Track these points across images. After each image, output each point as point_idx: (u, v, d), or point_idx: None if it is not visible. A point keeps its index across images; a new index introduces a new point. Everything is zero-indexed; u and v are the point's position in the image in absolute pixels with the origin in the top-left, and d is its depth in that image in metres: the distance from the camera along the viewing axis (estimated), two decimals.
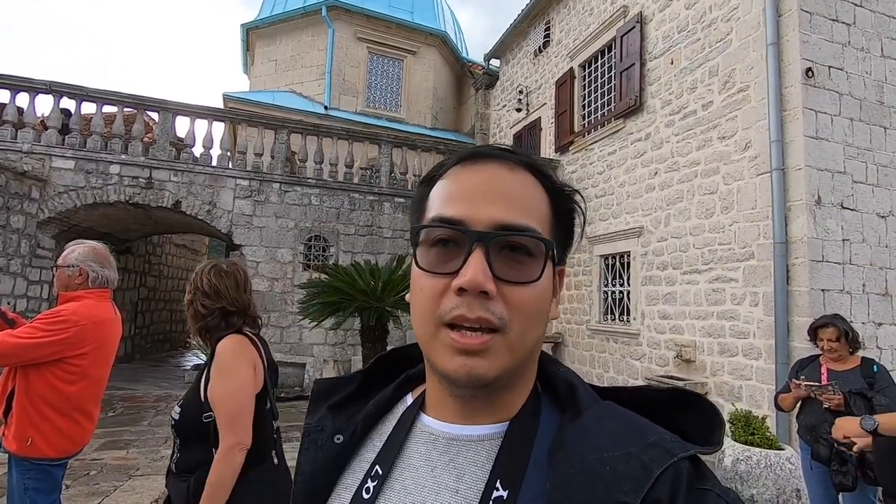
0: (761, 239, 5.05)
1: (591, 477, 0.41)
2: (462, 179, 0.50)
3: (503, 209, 0.47)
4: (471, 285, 0.44)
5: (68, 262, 2.13)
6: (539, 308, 0.48)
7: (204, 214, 7.43)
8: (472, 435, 0.50)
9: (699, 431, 0.47)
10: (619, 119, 7.46)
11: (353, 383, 0.62)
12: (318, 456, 0.55)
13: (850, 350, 3.00)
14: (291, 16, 12.47)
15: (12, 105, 6.98)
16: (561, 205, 0.52)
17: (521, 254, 0.47)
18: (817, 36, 4.93)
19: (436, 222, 0.48)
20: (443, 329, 0.46)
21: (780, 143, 4.87)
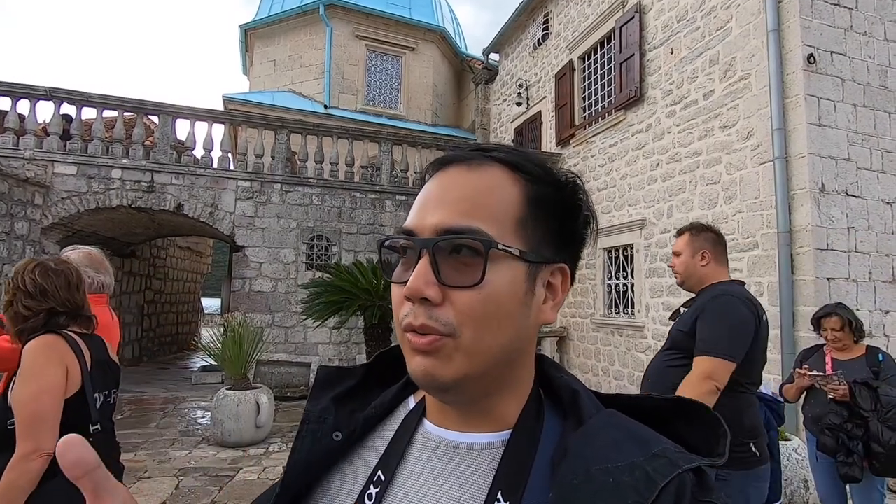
0: (765, 228, 5.00)
1: (594, 488, 0.40)
2: (425, 188, 0.50)
3: (446, 213, 0.46)
4: (410, 293, 0.45)
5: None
6: (492, 311, 0.45)
7: (206, 216, 7.45)
8: (473, 443, 0.49)
9: (703, 443, 0.46)
10: (619, 111, 7.41)
11: (356, 376, 0.61)
12: (314, 447, 0.54)
13: (855, 339, 2.96)
14: (289, 15, 12.46)
15: (13, 112, 7.01)
16: (545, 196, 0.49)
17: (469, 256, 0.45)
18: (819, 21, 4.86)
19: (394, 234, 0.49)
20: (405, 334, 0.47)
21: (782, 130, 4.81)
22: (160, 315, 11.75)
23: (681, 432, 0.47)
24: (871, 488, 2.77)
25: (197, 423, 5.97)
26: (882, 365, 2.83)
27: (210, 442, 5.14)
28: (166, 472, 4.30)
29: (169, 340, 12.33)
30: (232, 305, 7.58)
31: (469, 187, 0.47)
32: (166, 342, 12.16)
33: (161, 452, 4.83)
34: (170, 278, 12.32)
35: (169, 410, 6.56)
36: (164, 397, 7.31)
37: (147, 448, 4.95)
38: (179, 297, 12.97)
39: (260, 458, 4.69)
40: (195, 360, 11.43)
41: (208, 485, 4.03)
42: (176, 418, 6.19)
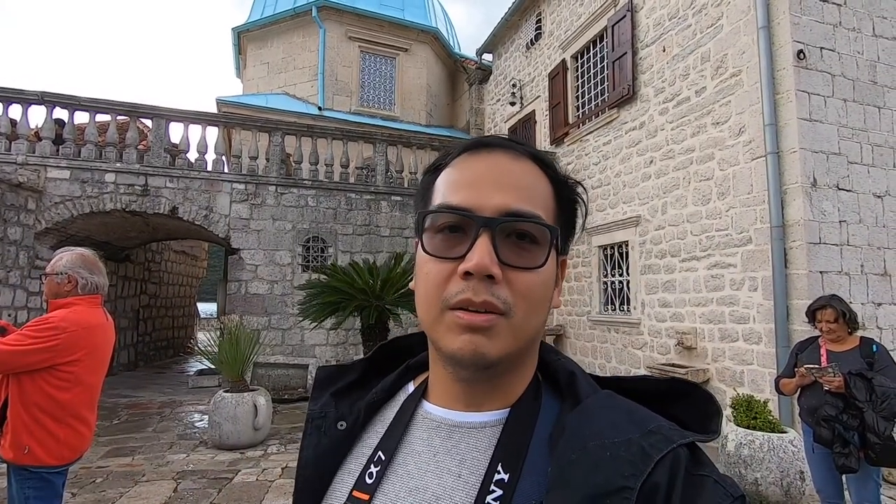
0: (758, 223, 5.04)
1: (591, 461, 0.42)
2: (468, 167, 0.51)
3: (510, 196, 0.48)
4: (477, 269, 0.45)
5: (57, 270, 2.13)
6: (543, 294, 0.49)
7: (201, 220, 7.43)
8: (473, 422, 0.51)
9: (696, 420, 0.48)
10: (612, 109, 7.45)
11: (356, 371, 0.63)
12: (321, 441, 0.57)
13: (849, 330, 2.99)
14: (282, 17, 12.44)
15: (5, 117, 6.97)
16: (564, 195, 0.53)
17: (527, 241, 0.48)
18: (808, 17, 4.91)
19: (443, 209, 0.49)
20: (448, 312, 0.47)
21: (773, 126, 4.86)
22: (156, 319, 11.70)
23: (675, 411, 0.49)
24: (867, 478, 2.79)
25: (194, 427, 5.95)
26: (876, 356, 2.85)
27: (208, 445, 5.12)
28: (164, 475, 4.29)
29: (165, 345, 12.26)
30: (228, 308, 7.56)
31: (522, 176, 0.50)
32: (162, 346, 12.10)
33: (159, 456, 4.81)
34: (165, 282, 12.26)
35: (166, 414, 6.53)
36: (161, 401, 7.28)
37: (144, 452, 4.92)
38: (175, 301, 12.91)
39: (258, 461, 4.68)
40: (192, 364, 11.38)
41: (207, 487, 4.02)
42: (173, 422, 6.16)
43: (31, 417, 1.97)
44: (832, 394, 2.81)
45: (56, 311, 2.07)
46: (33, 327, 1.99)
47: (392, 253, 6.56)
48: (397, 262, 5.58)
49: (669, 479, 0.41)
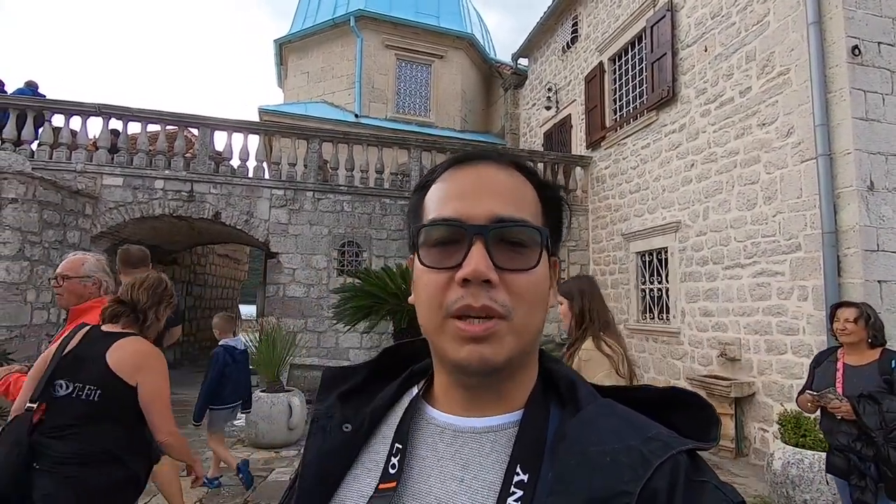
0: (808, 229, 4.77)
1: (592, 467, 0.43)
2: (455, 181, 0.53)
3: (498, 203, 0.50)
4: (474, 275, 0.47)
5: (83, 273, 2.12)
6: (539, 294, 0.50)
7: (242, 224, 7.70)
8: (476, 427, 0.52)
9: (696, 429, 0.49)
10: (651, 111, 7.25)
11: (361, 374, 0.64)
12: (325, 442, 0.57)
13: (870, 340, 2.64)
14: (321, 28, 12.79)
15: (66, 128, 7.46)
16: (548, 199, 0.56)
17: (518, 244, 0.49)
18: (863, 11, 4.63)
19: (436, 222, 0.51)
20: (449, 321, 0.48)
21: (825, 126, 4.59)
22: (200, 320, 12.18)
23: (675, 420, 0.50)
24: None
25: (233, 425, 6.13)
26: (895, 372, 2.50)
27: (245, 443, 5.27)
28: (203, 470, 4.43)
29: (209, 345, 12.72)
30: (266, 311, 7.79)
31: (507, 184, 0.52)
32: (206, 346, 12.57)
33: (198, 452, 4.97)
34: (209, 285, 12.76)
35: None
36: None
37: None
38: (218, 303, 13.41)
39: (292, 460, 4.78)
40: None
41: (242, 484, 4.13)
42: None
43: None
44: (845, 419, 2.51)
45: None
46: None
47: None
48: None
49: (669, 485, 0.42)
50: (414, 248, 0.53)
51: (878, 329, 2.66)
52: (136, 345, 1.86)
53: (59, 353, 1.78)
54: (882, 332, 2.68)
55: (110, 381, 1.76)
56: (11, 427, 1.71)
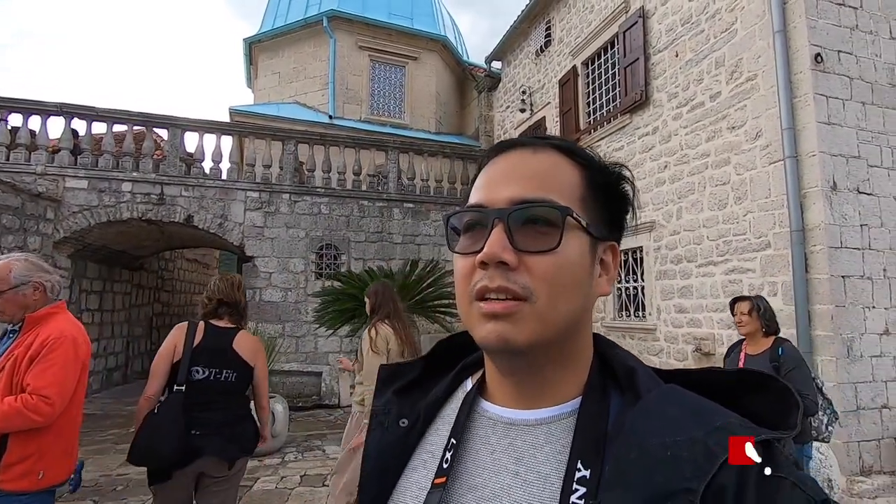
0: (777, 228, 5.00)
1: (650, 462, 0.40)
2: (488, 170, 0.54)
3: (520, 187, 0.49)
4: (487, 257, 0.46)
5: (14, 282, 1.92)
6: (566, 277, 0.48)
7: (216, 228, 7.49)
8: (529, 419, 0.51)
9: (772, 414, 0.45)
10: (625, 114, 7.44)
11: (416, 369, 0.64)
12: (384, 437, 0.58)
13: (764, 330, 2.91)
14: (293, 28, 12.58)
15: (25, 128, 7.09)
16: (597, 180, 0.53)
17: (543, 225, 0.48)
18: (824, 21, 4.89)
19: (460, 209, 0.53)
20: (474, 303, 0.48)
21: (791, 130, 4.83)
22: (168, 328, 11.63)
23: (749, 405, 0.46)
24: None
25: None
26: (781, 359, 2.75)
27: None
28: None
29: None
30: None
31: (536, 166, 0.51)
32: None
33: None
34: (177, 290, 12.34)
35: None
36: None
37: None
38: (187, 309, 12.98)
39: (276, 468, 4.67)
40: None
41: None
42: None
43: (43, 440, 1.88)
44: None
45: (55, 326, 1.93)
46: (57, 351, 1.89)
47: (405, 259, 6.58)
48: (412, 270, 5.59)
49: (739, 482, 0.38)
50: (447, 238, 0.54)
51: (770, 319, 2.92)
52: (249, 336, 2.46)
53: (189, 347, 2.27)
54: (774, 321, 2.94)
55: (241, 365, 2.35)
56: (167, 407, 2.20)
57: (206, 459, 2.21)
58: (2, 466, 1.81)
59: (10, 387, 1.87)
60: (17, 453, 1.84)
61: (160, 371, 2.26)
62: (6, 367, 1.91)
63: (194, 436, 2.16)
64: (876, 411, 4.49)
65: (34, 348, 1.93)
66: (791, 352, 2.82)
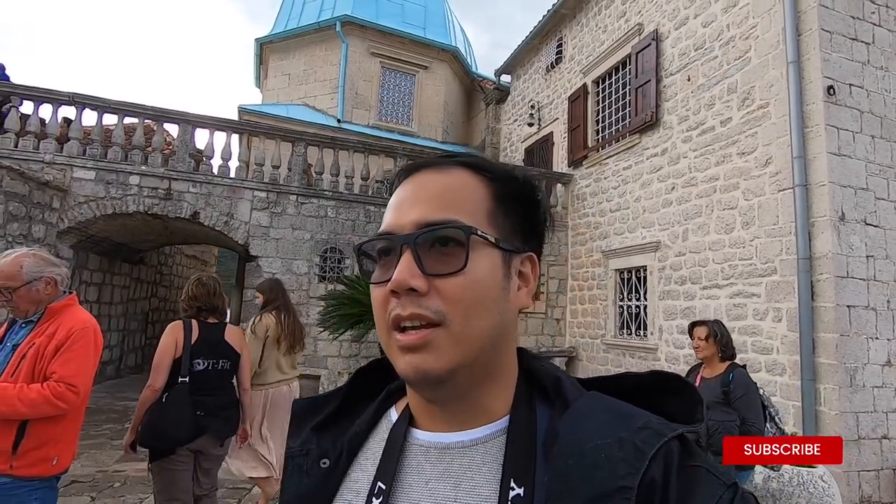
0: (784, 254, 5.05)
1: (587, 465, 0.42)
2: (398, 192, 0.53)
3: (424, 210, 0.49)
4: (396, 285, 0.46)
5: (26, 279, 1.93)
6: (477, 296, 0.47)
7: (221, 225, 7.47)
8: (463, 441, 0.50)
9: (682, 411, 0.49)
10: (634, 134, 7.52)
11: (335, 401, 0.61)
12: (302, 481, 0.54)
13: (720, 355, 2.95)
14: (305, 31, 12.66)
15: (35, 116, 7.06)
16: (508, 192, 0.53)
17: (451, 247, 0.47)
18: (838, 54, 4.99)
19: (371, 237, 0.52)
20: (393, 333, 0.47)
21: (802, 159, 4.90)
22: (164, 323, 11.61)
23: (663, 405, 0.49)
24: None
25: None
26: (731, 385, 2.80)
27: None
28: None
29: None
30: (243, 316, 7.54)
31: (441, 186, 0.51)
32: None
33: None
34: (175, 286, 12.25)
35: None
36: None
37: None
38: None
39: None
40: None
41: (226, 497, 3.97)
42: None
43: (59, 427, 1.92)
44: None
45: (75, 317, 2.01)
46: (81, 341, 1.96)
47: None
48: None
49: (664, 473, 0.41)
50: (360, 267, 0.54)
51: (726, 344, 2.96)
52: (234, 328, 2.94)
53: (189, 343, 2.62)
54: (730, 347, 2.98)
55: (233, 354, 2.79)
56: (175, 396, 2.55)
57: (207, 438, 2.63)
58: (18, 452, 1.84)
59: (33, 374, 1.90)
60: (35, 439, 1.87)
61: (164, 365, 2.57)
62: (27, 354, 1.93)
63: (199, 417, 2.56)
64: (876, 441, 4.52)
65: (58, 338, 1.96)
66: (741, 378, 2.86)
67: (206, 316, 2.77)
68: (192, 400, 2.56)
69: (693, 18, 6.60)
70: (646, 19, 7.52)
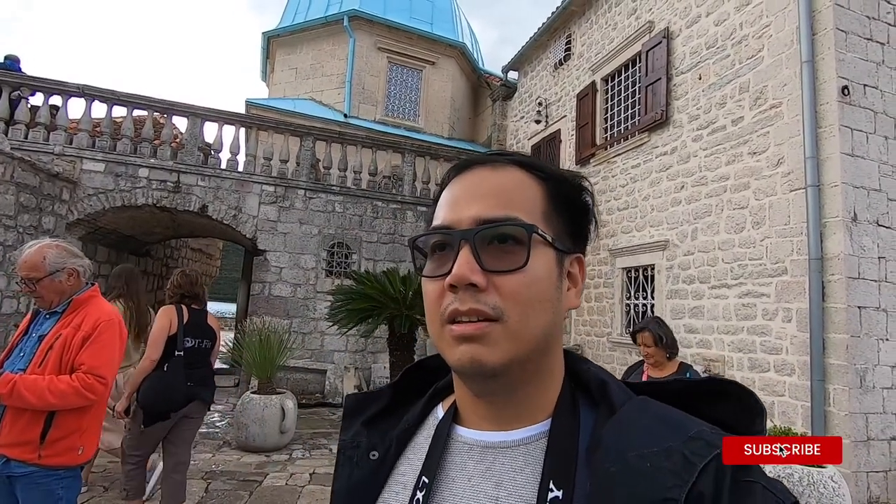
0: (795, 255, 5.04)
1: (632, 474, 0.41)
2: (451, 189, 0.53)
3: (483, 206, 0.49)
4: (456, 280, 0.46)
5: (49, 270, 1.94)
6: (535, 294, 0.48)
7: (230, 219, 7.49)
8: (506, 441, 0.50)
9: (739, 421, 0.47)
10: (643, 133, 7.50)
11: (385, 398, 0.62)
12: (353, 472, 0.56)
13: (668, 355, 2.91)
14: (313, 25, 12.63)
15: (45, 107, 7.08)
16: (559, 193, 0.53)
17: (510, 244, 0.48)
18: (853, 54, 4.96)
19: (428, 231, 0.52)
20: (446, 327, 0.48)
21: (815, 159, 4.88)
22: None
23: (716, 412, 0.48)
24: None
25: (215, 426, 5.93)
26: None
27: (232, 445, 5.10)
28: (193, 474, 4.25)
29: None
30: (251, 309, 7.57)
31: (498, 184, 0.51)
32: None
33: None
34: None
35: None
36: None
37: None
38: None
39: (285, 464, 4.65)
40: None
41: (237, 489, 4.00)
42: None
43: (84, 417, 1.94)
44: None
45: (100, 308, 2.05)
46: (107, 333, 1.99)
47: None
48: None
49: (715, 488, 0.39)
50: (413, 260, 0.54)
51: (671, 344, 2.93)
52: (212, 315, 3.39)
53: (181, 324, 3.02)
54: (674, 346, 2.94)
55: (213, 335, 3.25)
56: (174, 367, 2.96)
57: (196, 404, 3.08)
58: (46, 442, 1.86)
59: (60, 365, 1.91)
60: (63, 429, 1.89)
61: (161, 340, 2.97)
62: (55, 346, 1.94)
63: (190, 387, 2.98)
64: (885, 443, 4.52)
65: (85, 329, 1.98)
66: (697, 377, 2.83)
67: (190, 302, 3.15)
68: (184, 372, 2.97)
69: (705, 17, 6.56)
70: (657, 17, 7.48)
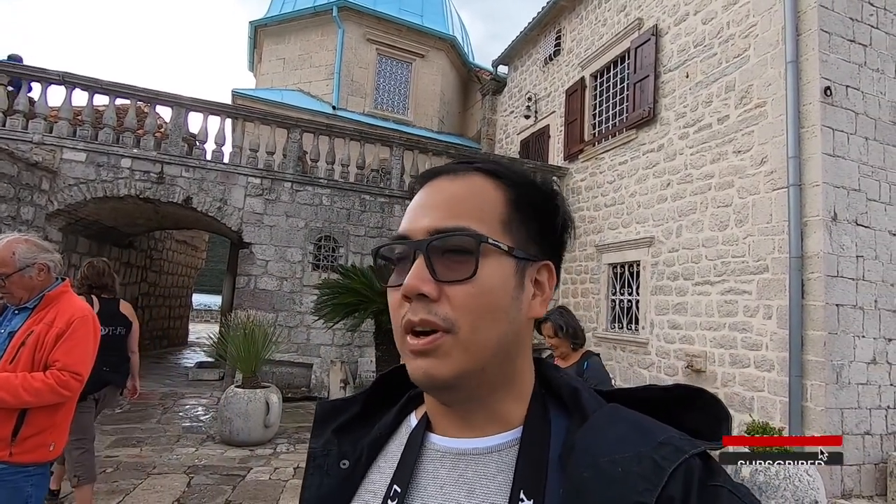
0: (776, 253, 5.13)
1: (604, 479, 0.41)
2: (415, 199, 0.53)
3: (436, 217, 0.49)
4: (407, 290, 0.47)
5: (19, 265, 1.90)
6: (486, 304, 0.47)
7: (214, 211, 7.39)
8: (479, 448, 0.50)
9: (706, 427, 0.48)
10: (631, 129, 7.55)
11: (357, 405, 0.62)
12: (323, 481, 0.56)
13: (572, 346, 2.86)
14: (301, 15, 12.47)
15: (24, 95, 6.90)
16: (525, 200, 0.52)
17: (462, 254, 0.47)
18: (836, 55, 5.03)
19: (386, 242, 0.53)
20: (406, 337, 0.48)
21: (797, 159, 4.96)
22: (154, 308, 11.55)
23: (683, 419, 0.49)
24: None
25: (199, 420, 5.89)
26: (586, 374, 2.72)
27: (216, 440, 5.07)
28: (176, 468, 4.23)
29: (160, 335, 12.11)
30: (236, 303, 7.50)
31: (453, 194, 0.51)
32: (157, 336, 11.94)
33: (167, 449, 4.75)
34: (165, 271, 12.13)
35: (169, 406, 6.45)
36: (163, 392, 7.19)
37: (151, 444, 4.86)
38: (173, 291, 12.77)
39: (269, 459, 4.64)
40: (187, 356, 11.25)
41: (220, 483, 3.98)
42: (177, 414, 6.09)
43: (57, 414, 1.92)
44: None
45: (73, 305, 2.01)
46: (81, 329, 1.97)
47: None
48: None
49: (684, 492, 0.40)
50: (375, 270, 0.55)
51: (574, 334, 2.86)
52: (126, 303, 3.53)
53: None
54: (579, 335, 2.88)
55: (128, 323, 3.40)
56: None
57: (110, 388, 3.30)
58: (18, 439, 1.83)
59: (33, 362, 1.88)
60: (35, 426, 1.86)
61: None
62: (27, 342, 1.91)
63: (104, 372, 3.04)
64: (859, 437, 4.64)
65: (59, 326, 1.94)
66: (596, 366, 2.79)
67: (99, 293, 3.29)
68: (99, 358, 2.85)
69: (693, 15, 6.60)
70: (646, 14, 7.51)
